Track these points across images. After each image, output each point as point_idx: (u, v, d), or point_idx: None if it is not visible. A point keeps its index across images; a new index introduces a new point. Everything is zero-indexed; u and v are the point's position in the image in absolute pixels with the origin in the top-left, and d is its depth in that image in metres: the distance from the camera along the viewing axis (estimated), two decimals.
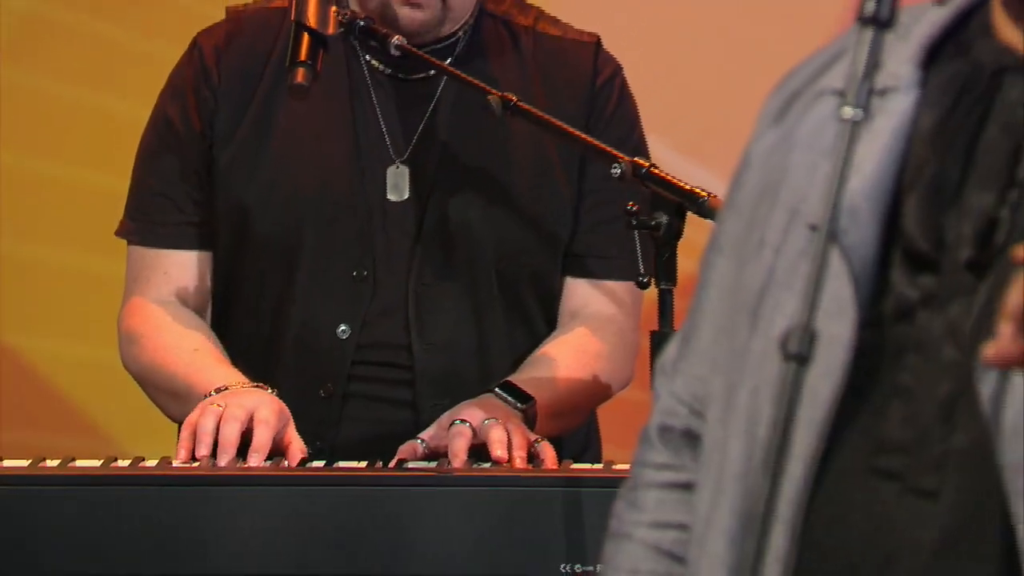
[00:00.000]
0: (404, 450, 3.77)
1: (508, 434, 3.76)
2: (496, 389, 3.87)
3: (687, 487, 2.61)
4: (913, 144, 2.53)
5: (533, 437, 3.77)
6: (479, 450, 3.74)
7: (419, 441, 3.78)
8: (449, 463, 3.73)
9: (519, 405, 3.86)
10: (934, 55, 2.55)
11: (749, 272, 2.53)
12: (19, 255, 5.40)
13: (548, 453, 3.75)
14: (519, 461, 3.73)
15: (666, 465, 2.65)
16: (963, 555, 2.44)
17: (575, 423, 4.05)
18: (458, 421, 3.78)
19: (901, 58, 2.54)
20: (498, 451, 3.71)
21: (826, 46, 2.63)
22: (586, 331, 4.07)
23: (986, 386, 2.38)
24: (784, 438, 2.34)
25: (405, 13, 3.92)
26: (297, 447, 3.75)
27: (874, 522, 2.46)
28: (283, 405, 3.79)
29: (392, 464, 3.73)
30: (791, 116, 2.58)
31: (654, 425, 2.66)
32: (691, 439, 2.64)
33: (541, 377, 3.99)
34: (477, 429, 3.76)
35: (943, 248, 2.48)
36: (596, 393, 4.03)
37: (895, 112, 2.52)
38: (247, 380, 3.87)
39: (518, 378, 3.94)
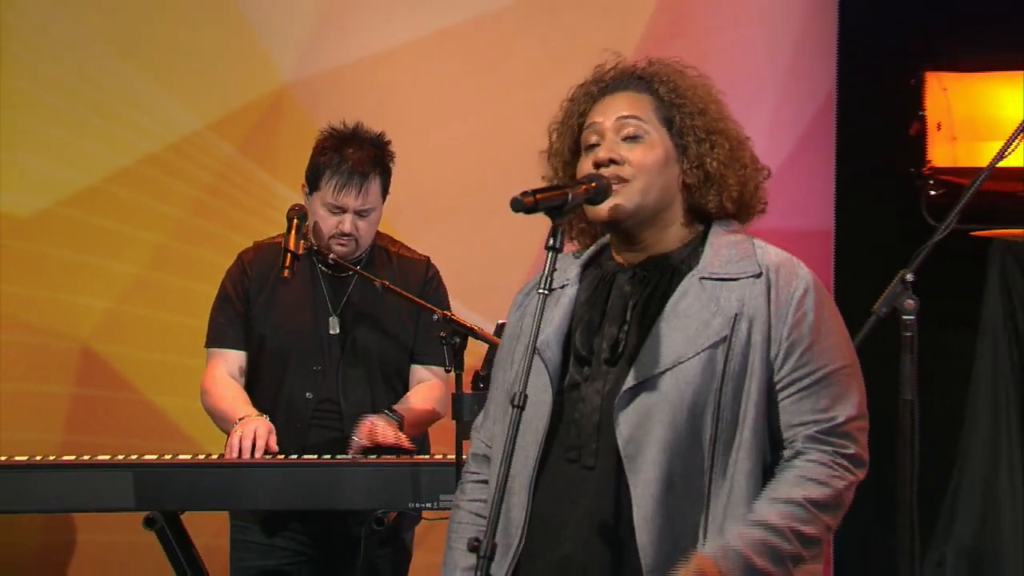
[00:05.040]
0: (354, 448, 3.84)
1: (397, 437, 3.83)
2: (385, 411, 3.93)
3: (484, 481, 2.73)
4: (577, 307, 2.64)
5: (401, 436, 3.84)
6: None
7: (356, 439, 3.84)
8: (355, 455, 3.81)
9: (395, 418, 3.91)
10: (586, 269, 2.70)
11: (508, 377, 2.65)
12: (153, 360, 5.14)
13: (404, 444, 3.85)
14: (393, 440, 3.80)
15: (475, 472, 2.76)
16: (608, 497, 2.51)
17: (421, 432, 4.05)
18: (361, 425, 3.85)
19: (571, 272, 2.67)
20: (383, 441, 3.83)
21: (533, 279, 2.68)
22: (427, 390, 4.02)
23: (618, 419, 2.51)
24: (512, 450, 2.45)
25: (338, 249, 3.95)
26: (273, 448, 3.77)
27: (565, 484, 2.55)
28: (271, 426, 3.83)
29: (336, 456, 3.81)
30: (525, 304, 2.71)
31: (471, 452, 2.78)
32: (486, 459, 2.75)
33: (408, 408, 3.96)
34: (375, 430, 3.84)
35: (592, 353, 2.58)
36: (432, 418, 4.04)
37: (567, 295, 2.65)
38: (256, 412, 3.88)
39: (397, 407, 3.97)
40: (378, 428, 3.87)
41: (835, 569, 4.88)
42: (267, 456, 3.79)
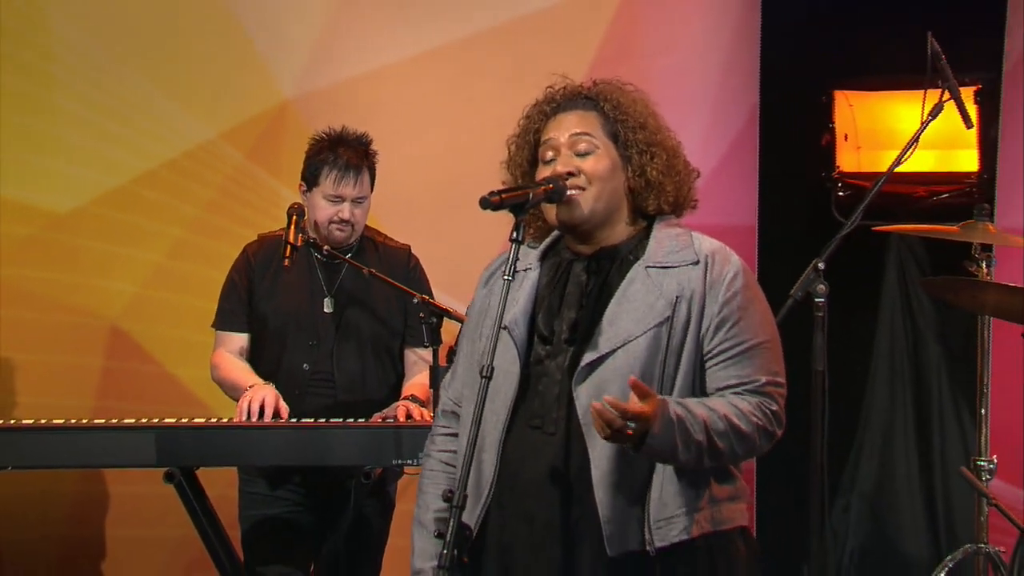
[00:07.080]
0: (375, 416, 3.83)
1: (422, 413, 3.80)
2: (411, 396, 3.90)
3: (452, 435, 2.73)
4: (540, 290, 2.65)
5: (425, 413, 3.81)
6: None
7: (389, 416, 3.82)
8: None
9: (419, 403, 3.85)
10: (545, 256, 2.72)
11: (476, 347, 2.66)
12: (173, 337, 5.14)
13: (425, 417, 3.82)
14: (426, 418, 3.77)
15: (444, 425, 2.77)
16: (568, 459, 2.53)
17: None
18: (399, 406, 3.84)
19: (532, 258, 2.69)
20: (417, 419, 3.78)
21: (499, 257, 2.69)
22: (424, 373, 3.92)
23: (577, 391, 2.52)
24: (481, 415, 2.46)
25: (337, 234, 3.94)
26: (284, 411, 3.80)
27: (530, 447, 2.57)
28: (278, 393, 3.83)
29: (330, 420, 3.76)
30: (491, 283, 2.70)
31: (440, 409, 2.80)
32: (455, 415, 2.75)
33: (414, 385, 3.92)
34: (410, 410, 3.83)
35: (553, 333, 2.60)
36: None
37: (530, 278, 2.66)
38: (263, 382, 3.88)
39: (410, 386, 3.96)
40: (415, 411, 3.88)
41: (756, 518, 4.78)
42: (276, 419, 3.79)
